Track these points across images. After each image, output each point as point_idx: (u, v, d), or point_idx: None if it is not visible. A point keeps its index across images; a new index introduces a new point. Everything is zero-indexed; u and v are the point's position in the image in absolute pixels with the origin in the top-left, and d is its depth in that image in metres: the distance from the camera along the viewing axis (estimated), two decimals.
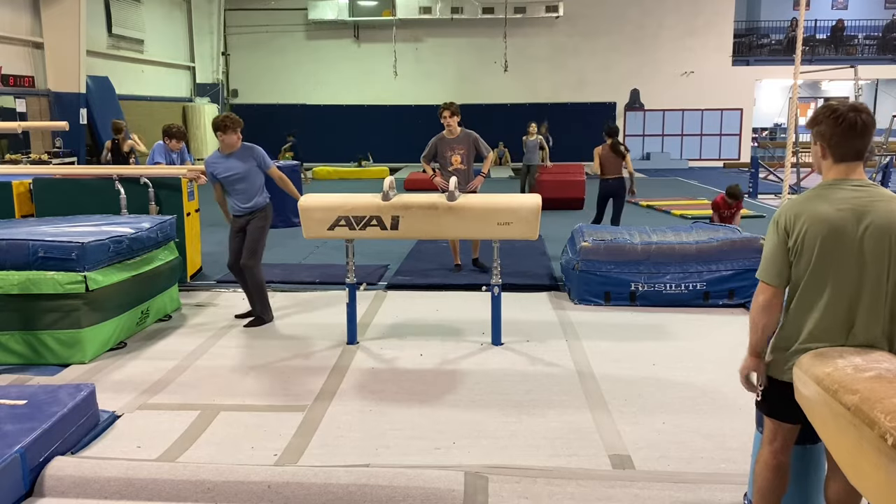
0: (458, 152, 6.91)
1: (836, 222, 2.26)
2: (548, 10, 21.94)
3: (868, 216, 2.25)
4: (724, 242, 6.14)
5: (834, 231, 2.26)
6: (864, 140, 2.29)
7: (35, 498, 3.05)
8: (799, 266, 2.33)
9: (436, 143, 6.98)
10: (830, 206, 2.28)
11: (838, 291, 2.29)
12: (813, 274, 2.31)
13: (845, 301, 2.28)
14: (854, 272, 2.27)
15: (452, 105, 6.90)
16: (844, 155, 2.31)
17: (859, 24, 24.18)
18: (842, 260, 2.27)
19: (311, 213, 4.93)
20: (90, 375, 4.51)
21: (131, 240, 5.11)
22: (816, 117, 2.35)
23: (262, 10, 22.68)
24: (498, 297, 5.11)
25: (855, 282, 2.27)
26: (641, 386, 4.30)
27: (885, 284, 2.27)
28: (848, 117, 2.26)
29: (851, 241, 2.26)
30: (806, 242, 2.30)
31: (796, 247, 2.32)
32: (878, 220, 2.24)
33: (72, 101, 14.89)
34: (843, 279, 2.28)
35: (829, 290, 2.30)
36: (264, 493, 3.01)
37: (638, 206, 12.86)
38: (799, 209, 2.32)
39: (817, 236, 2.27)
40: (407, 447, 3.54)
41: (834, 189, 2.31)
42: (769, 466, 2.50)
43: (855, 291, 2.28)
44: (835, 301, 2.29)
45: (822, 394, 2.12)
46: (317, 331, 5.45)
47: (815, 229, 2.28)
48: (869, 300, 2.27)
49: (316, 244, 8.81)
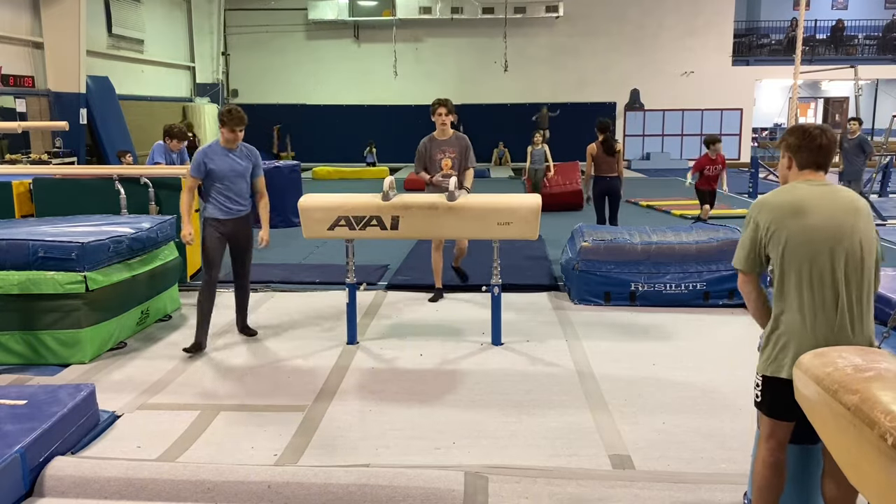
0: (449, 156, 6.11)
1: (798, 207, 2.44)
2: (548, 10, 21.94)
3: (827, 201, 2.44)
4: (724, 242, 6.14)
5: (796, 215, 2.43)
6: (825, 155, 2.54)
7: (35, 498, 3.05)
8: (773, 256, 2.48)
9: (426, 146, 6.22)
10: (792, 196, 2.49)
11: (812, 272, 2.40)
12: (784, 263, 2.45)
13: (822, 280, 2.39)
14: (825, 253, 2.39)
15: (448, 102, 6.18)
16: (807, 163, 2.54)
17: (859, 24, 24.18)
18: (809, 242, 2.41)
19: (311, 213, 4.93)
20: (90, 375, 4.51)
21: (131, 240, 5.11)
22: (785, 135, 2.66)
23: (262, 10, 22.67)
24: (498, 297, 5.11)
25: (828, 262, 2.39)
26: (641, 386, 4.30)
27: (855, 274, 2.39)
28: (813, 133, 2.53)
29: (815, 223, 2.41)
30: (773, 229, 2.46)
31: (766, 235, 2.48)
32: (834, 207, 2.43)
33: (72, 101, 14.89)
34: (814, 260, 2.40)
35: (806, 273, 2.41)
36: (264, 493, 3.01)
37: (638, 206, 12.86)
38: (764, 200, 2.56)
39: (782, 221, 2.45)
40: (407, 447, 3.54)
41: (797, 186, 2.53)
42: (767, 464, 2.52)
43: (829, 271, 2.39)
44: (811, 283, 2.40)
45: (822, 394, 2.12)
46: (317, 331, 5.45)
47: (779, 215, 2.46)
48: (846, 279, 2.39)
49: (316, 244, 8.81)
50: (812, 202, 2.45)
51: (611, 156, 8.08)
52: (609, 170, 8.10)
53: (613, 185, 8.14)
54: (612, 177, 8.12)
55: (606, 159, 8.08)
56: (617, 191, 8.18)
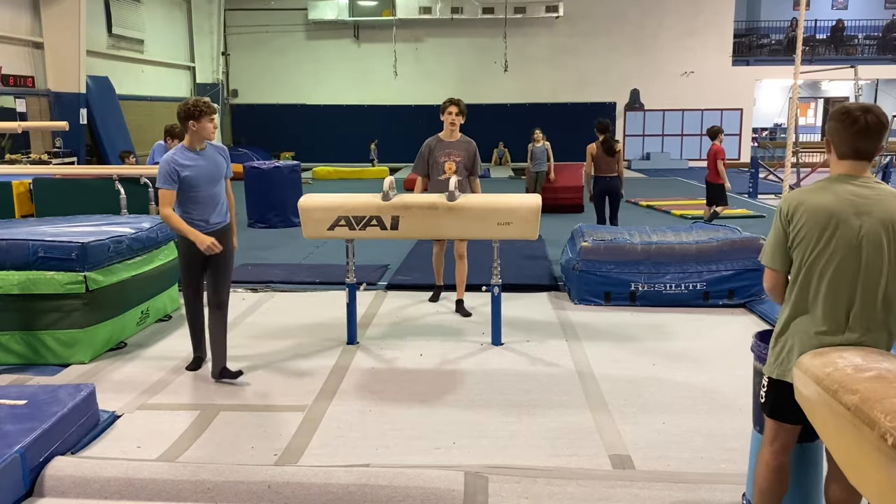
0: (454, 159, 5.74)
1: (835, 214, 2.29)
2: (548, 10, 21.94)
3: (867, 209, 2.28)
4: (724, 242, 6.14)
5: (832, 222, 2.29)
6: (866, 141, 2.31)
7: (35, 498, 3.05)
8: (796, 254, 2.37)
9: (430, 147, 5.81)
10: (831, 198, 2.32)
11: (835, 283, 2.30)
12: (810, 264, 2.34)
13: (842, 291, 2.30)
14: (852, 264, 2.28)
15: (460, 102, 5.75)
16: (845, 153, 2.35)
17: (859, 24, 24.18)
18: (839, 251, 2.29)
19: (311, 213, 4.93)
20: (90, 375, 4.51)
21: (131, 240, 5.11)
22: (830, 115, 2.41)
23: (262, 10, 22.67)
24: (498, 297, 5.11)
25: (852, 274, 2.29)
26: (641, 386, 4.30)
27: (881, 277, 2.28)
28: (853, 115, 2.30)
29: (849, 233, 2.28)
30: (805, 233, 2.33)
31: (796, 237, 2.36)
32: (877, 213, 2.27)
33: (72, 101, 14.89)
34: (841, 271, 2.30)
35: (827, 282, 2.31)
36: (264, 493, 3.01)
37: (638, 206, 12.86)
38: (800, 199, 2.38)
39: (815, 227, 2.31)
40: (407, 447, 3.54)
41: (837, 183, 2.36)
42: (770, 467, 2.49)
43: (852, 283, 2.29)
44: (830, 290, 2.31)
45: (822, 394, 2.11)
46: (317, 331, 5.45)
47: (813, 219, 2.32)
48: (865, 292, 2.29)
49: (316, 244, 8.81)
50: (843, 209, 2.28)
51: (611, 156, 8.12)
52: (609, 170, 8.14)
53: (613, 185, 8.18)
54: (611, 177, 8.16)
55: (606, 159, 8.12)
56: (617, 191, 8.21)
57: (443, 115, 5.79)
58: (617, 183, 8.18)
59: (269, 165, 11.07)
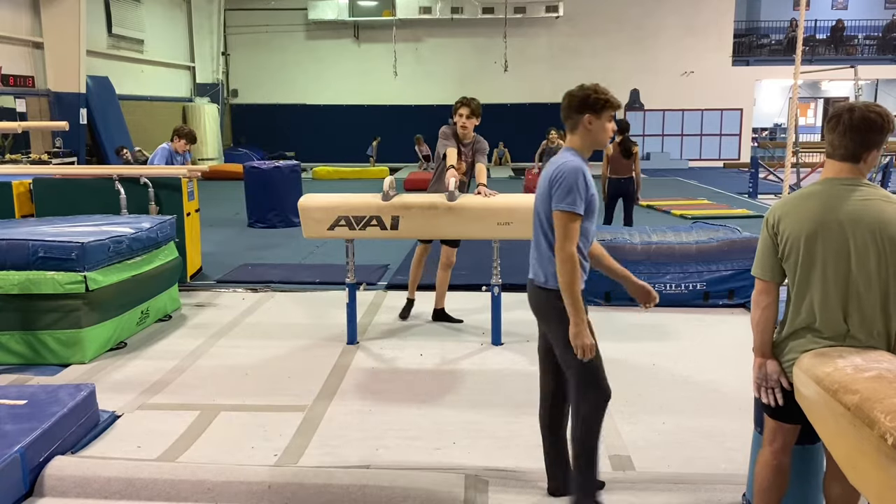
0: (465, 159, 5.59)
1: (821, 223, 2.27)
2: (548, 10, 21.96)
3: (855, 216, 2.24)
4: (723, 242, 6.14)
5: (818, 230, 2.27)
6: (850, 140, 2.24)
7: (35, 498, 3.05)
8: (788, 267, 2.36)
9: (452, 135, 5.41)
10: (816, 205, 2.29)
11: (828, 290, 2.29)
12: (801, 275, 2.33)
13: (837, 299, 2.28)
14: (843, 270, 2.26)
15: (472, 102, 5.30)
16: (831, 153, 2.34)
17: (859, 24, 24.19)
18: (829, 259, 2.27)
19: (311, 213, 4.93)
20: (90, 375, 4.51)
21: (131, 240, 5.11)
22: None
23: (262, 10, 22.69)
24: (498, 297, 5.11)
25: (844, 280, 2.27)
26: (641, 386, 4.30)
27: (875, 282, 2.25)
28: (836, 114, 2.28)
29: (836, 242, 2.26)
30: (791, 243, 2.32)
31: (784, 247, 2.35)
32: (866, 220, 2.23)
33: (72, 101, 14.90)
34: (832, 278, 2.28)
35: (820, 290, 2.30)
36: (264, 493, 3.01)
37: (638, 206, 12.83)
38: (784, 210, 2.36)
39: (801, 237, 2.30)
40: (407, 447, 3.54)
41: (825, 186, 2.33)
42: (769, 467, 2.49)
43: (845, 290, 2.27)
44: (825, 299, 2.29)
45: (822, 394, 2.12)
46: (317, 331, 5.45)
47: (798, 230, 2.30)
48: (861, 299, 2.26)
49: (316, 244, 8.80)
50: (828, 217, 2.25)
51: (627, 158, 7.99)
52: (623, 171, 8.02)
53: (627, 188, 8.08)
54: (625, 178, 8.07)
55: (622, 161, 7.99)
56: (631, 193, 8.13)
57: (454, 115, 5.36)
58: (631, 185, 8.09)
59: (269, 165, 11.07)
